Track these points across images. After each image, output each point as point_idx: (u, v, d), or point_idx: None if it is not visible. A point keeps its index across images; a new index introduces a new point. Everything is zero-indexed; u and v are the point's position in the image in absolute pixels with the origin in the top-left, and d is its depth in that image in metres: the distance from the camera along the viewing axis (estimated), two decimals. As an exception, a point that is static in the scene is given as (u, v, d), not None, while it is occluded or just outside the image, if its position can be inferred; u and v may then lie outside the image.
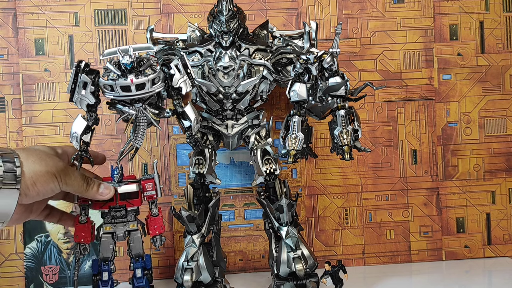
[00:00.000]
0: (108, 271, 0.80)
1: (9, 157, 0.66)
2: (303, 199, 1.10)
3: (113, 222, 0.80)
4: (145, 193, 0.81)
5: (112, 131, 1.07)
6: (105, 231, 0.80)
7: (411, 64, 1.12)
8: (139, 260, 0.81)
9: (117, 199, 0.79)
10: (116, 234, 0.80)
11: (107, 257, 0.80)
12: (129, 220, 0.81)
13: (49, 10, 1.06)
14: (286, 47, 0.90)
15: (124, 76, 0.72)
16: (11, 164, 0.66)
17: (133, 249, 0.81)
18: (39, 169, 0.68)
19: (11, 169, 0.66)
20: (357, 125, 0.81)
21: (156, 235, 0.81)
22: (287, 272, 0.85)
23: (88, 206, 0.79)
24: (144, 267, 0.82)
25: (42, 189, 0.68)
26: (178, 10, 1.08)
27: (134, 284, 0.81)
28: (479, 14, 1.13)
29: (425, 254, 1.12)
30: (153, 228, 0.81)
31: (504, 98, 1.13)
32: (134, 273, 0.81)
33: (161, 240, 0.82)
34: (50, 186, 0.69)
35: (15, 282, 1.05)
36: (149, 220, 0.82)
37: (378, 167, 1.11)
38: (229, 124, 0.91)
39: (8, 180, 0.65)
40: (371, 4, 1.11)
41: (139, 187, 0.80)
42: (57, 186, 0.70)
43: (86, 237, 0.78)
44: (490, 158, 1.13)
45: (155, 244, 0.81)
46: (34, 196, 0.69)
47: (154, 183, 0.81)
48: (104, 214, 0.81)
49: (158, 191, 0.81)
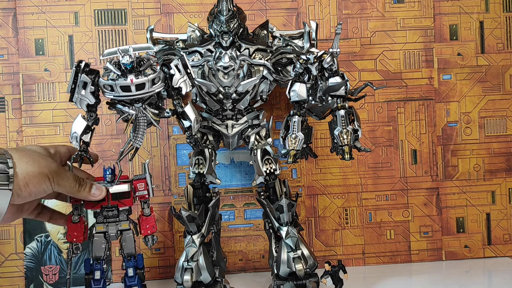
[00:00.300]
0: (100, 270, 0.80)
1: (2, 158, 0.67)
2: (303, 199, 1.10)
3: (105, 222, 0.81)
4: (137, 193, 0.81)
5: (112, 131, 1.07)
6: (98, 231, 0.81)
7: (411, 64, 1.12)
8: (131, 259, 0.82)
9: (109, 199, 0.80)
10: (108, 233, 0.81)
11: (99, 256, 0.81)
12: (121, 220, 0.81)
13: (49, 10, 1.06)
14: (286, 47, 0.90)
15: (124, 76, 0.72)
16: (4, 165, 0.67)
17: (125, 249, 0.82)
18: (32, 170, 0.69)
19: (4, 170, 0.66)
20: (357, 125, 0.81)
21: (148, 234, 0.82)
22: (287, 272, 0.85)
23: (81, 206, 0.80)
24: (136, 266, 0.82)
25: (34, 189, 0.69)
26: (178, 10, 1.08)
27: (126, 283, 0.82)
28: (479, 14, 1.13)
29: (425, 254, 1.12)
30: (145, 227, 0.82)
31: (504, 98, 1.13)
32: (126, 272, 0.82)
33: (153, 239, 0.82)
34: (43, 187, 0.70)
35: (15, 282, 1.05)
36: (141, 220, 0.82)
37: (378, 167, 1.11)
38: (229, 124, 0.91)
39: (0, 181, 0.66)
40: (371, 4, 1.11)
41: (131, 187, 0.81)
42: (49, 187, 0.71)
43: (78, 236, 0.79)
44: (490, 158, 1.13)
45: (147, 244, 0.82)
46: (27, 197, 0.69)
47: (146, 183, 0.81)
48: (96, 214, 0.81)
49: (150, 191, 0.82)
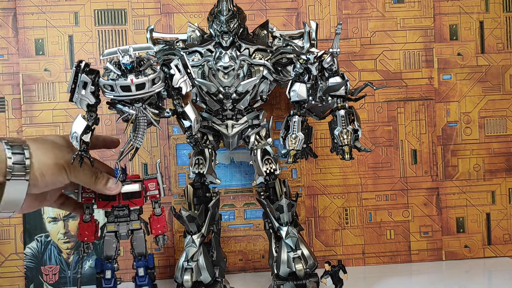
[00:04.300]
0: (111, 269, 0.81)
1: (19, 149, 0.68)
2: (303, 199, 1.10)
3: (116, 221, 0.81)
4: (148, 193, 0.82)
5: (112, 131, 1.07)
6: (109, 230, 0.81)
7: (411, 64, 1.12)
8: (142, 259, 0.82)
9: (120, 199, 0.80)
10: (119, 233, 0.81)
11: (110, 256, 0.81)
12: (132, 219, 0.81)
13: (49, 10, 1.06)
14: (286, 47, 0.90)
15: (124, 76, 0.72)
16: (21, 156, 0.68)
17: (136, 248, 0.82)
18: (48, 161, 0.70)
19: (21, 160, 0.68)
20: (357, 125, 0.81)
21: (159, 234, 0.82)
22: (287, 272, 0.85)
23: (92, 205, 0.80)
24: (147, 266, 0.82)
25: (50, 180, 0.70)
26: (178, 10, 1.08)
27: (137, 283, 0.82)
28: (479, 14, 1.13)
29: (425, 254, 1.12)
30: (156, 227, 0.82)
31: (504, 98, 1.13)
32: (136, 272, 0.82)
33: (163, 239, 0.82)
34: (59, 178, 0.71)
35: (15, 282, 1.05)
36: (152, 219, 0.82)
37: (378, 167, 1.11)
38: (229, 124, 0.91)
39: (17, 171, 0.67)
40: (371, 4, 1.11)
41: (142, 187, 0.81)
42: (66, 178, 0.72)
43: (89, 235, 0.79)
44: (490, 158, 1.13)
45: (158, 244, 0.82)
46: (43, 187, 0.71)
47: (157, 182, 0.82)
48: (107, 213, 0.82)
49: (161, 191, 0.82)
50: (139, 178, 0.82)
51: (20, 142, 0.70)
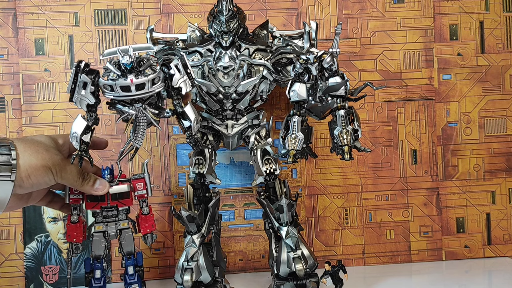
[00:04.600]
0: (100, 269, 0.81)
1: (6, 149, 0.68)
2: (303, 199, 1.10)
3: (105, 221, 0.82)
4: (136, 192, 0.83)
5: (112, 131, 1.07)
6: (97, 230, 0.82)
7: (411, 64, 1.12)
8: (131, 257, 0.83)
9: (108, 200, 0.81)
10: (108, 232, 0.82)
11: (99, 255, 0.82)
12: (121, 219, 0.82)
13: (49, 10, 1.06)
14: (286, 47, 0.90)
15: (124, 76, 0.72)
16: (7, 157, 0.68)
17: (124, 247, 0.83)
18: (35, 162, 0.70)
19: (7, 161, 0.67)
20: (357, 125, 0.81)
21: (147, 233, 0.83)
22: (287, 272, 0.85)
23: (80, 206, 0.81)
24: (136, 264, 0.83)
25: (36, 181, 0.70)
26: (178, 10, 1.08)
27: (127, 281, 0.83)
28: (479, 14, 1.13)
29: (425, 254, 1.12)
30: (144, 226, 0.83)
31: (504, 98, 1.13)
32: (126, 270, 0.83)
33: (152, 238, 0.84)
34: (45, 179, 0.71)
35: (15, 282, 1.05)
36: (140, 218, 0.83)
37: (378, 167, 1.11)
38: (229, 124, 0.91)
39: (2, 172, 0.67)
40: (371, 4, 1.11)
41: (130, 187, 0.81)
42: (52, 179, 0.72)
43: (78, 236, 0.80)
44: (490, 158, 1.13)
45: (146, 242, 0.83)
46: (29, 188, 0.70)
47: (145, 182, 0.83)
48: (95, 214, 0.82)
49: (149, 190, 0.83)
50: (125, 177, 0.83)
51: (7, 142, 0.70)
